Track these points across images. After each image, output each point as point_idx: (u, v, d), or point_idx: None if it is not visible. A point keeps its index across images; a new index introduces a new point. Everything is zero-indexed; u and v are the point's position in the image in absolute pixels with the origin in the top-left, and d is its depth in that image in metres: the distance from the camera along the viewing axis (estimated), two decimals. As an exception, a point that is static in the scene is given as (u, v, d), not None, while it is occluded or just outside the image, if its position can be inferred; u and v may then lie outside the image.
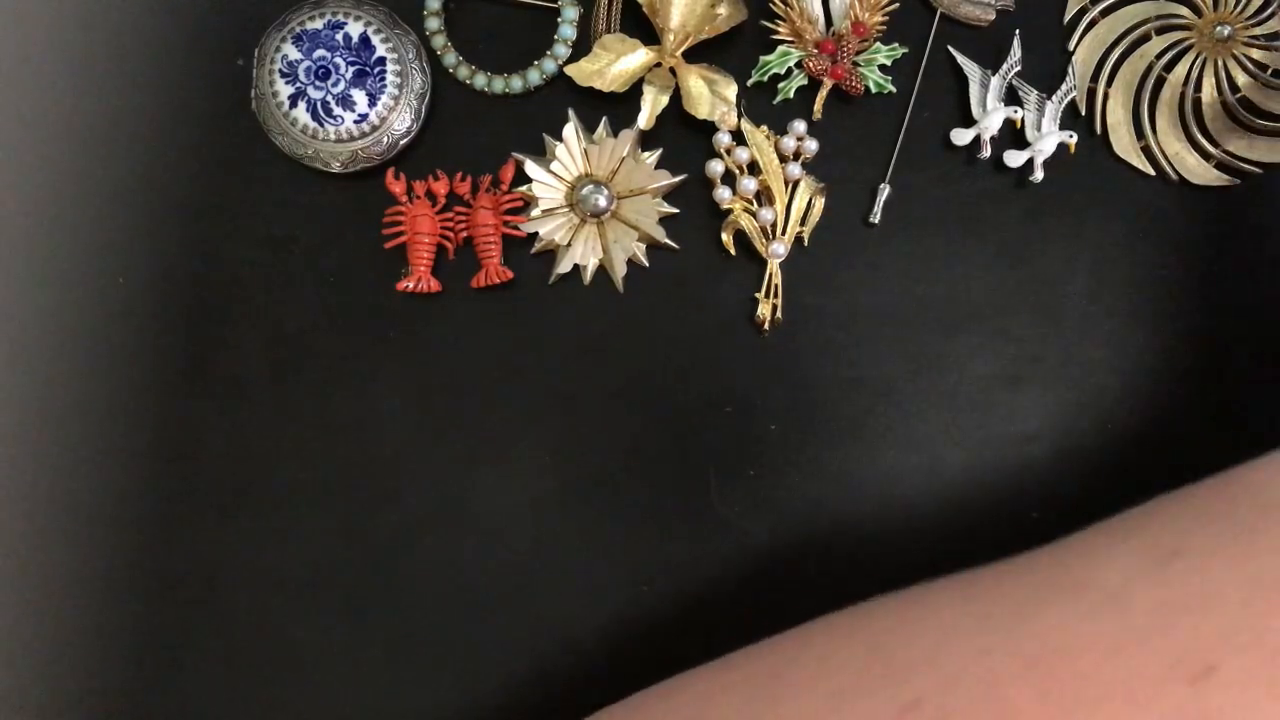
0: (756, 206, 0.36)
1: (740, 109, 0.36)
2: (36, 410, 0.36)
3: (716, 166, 0.36)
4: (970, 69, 0.36)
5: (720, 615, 0.35)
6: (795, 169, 0.36)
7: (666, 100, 0.36)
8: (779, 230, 0.36)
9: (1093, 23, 0.37)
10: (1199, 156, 0.36)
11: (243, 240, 0.36)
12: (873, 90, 0.36)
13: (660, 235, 0.36)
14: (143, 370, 0.36)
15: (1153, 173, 0.36)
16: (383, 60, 0.35)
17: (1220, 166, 0.36)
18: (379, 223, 0.36)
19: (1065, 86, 0.36)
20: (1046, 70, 0.36)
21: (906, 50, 0.36)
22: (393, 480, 0.36)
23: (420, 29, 0.36)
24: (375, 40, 0.35)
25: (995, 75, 0.36)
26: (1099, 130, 0.36)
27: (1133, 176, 0.37)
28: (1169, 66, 0.36)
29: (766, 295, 0.36)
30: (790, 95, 0.36)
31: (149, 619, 0.36)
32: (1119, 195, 0.36)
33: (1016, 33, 0.36)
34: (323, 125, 0.35)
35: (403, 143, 0.36)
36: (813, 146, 0.36)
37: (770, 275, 0.36)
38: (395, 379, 0.36)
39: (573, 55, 0.36)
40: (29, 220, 0.36)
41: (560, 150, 0.36)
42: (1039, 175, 0.36)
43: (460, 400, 0.36)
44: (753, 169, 0.36)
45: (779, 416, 0.36)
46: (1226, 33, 0.36)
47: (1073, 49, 0.37)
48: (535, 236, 0.36)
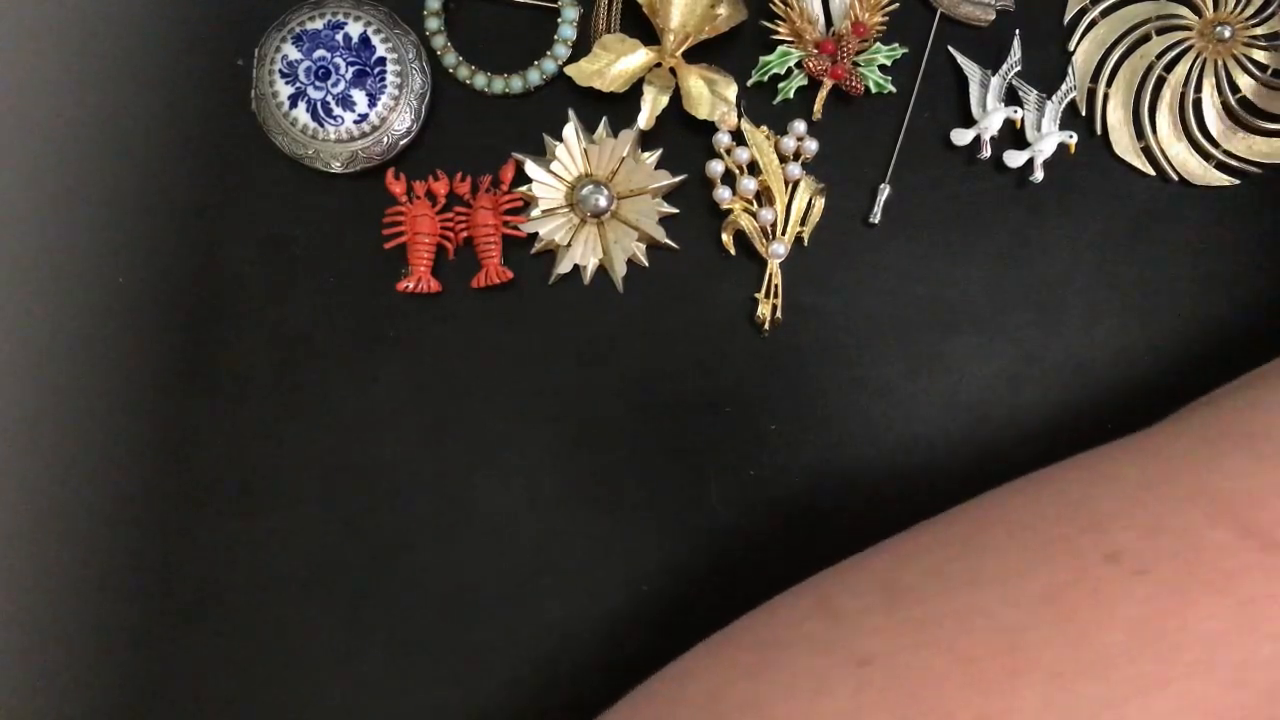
0: (756, 206, 0.36)
1: (740, 109, 0.36)
2: (36, 410, 0.36)
3: (716, 166, 0.36)
4: (970, 69, 0.36)
5: (720, 615, 0.35)
6: (795, 169, 0.36)
7: (666, 100, 0.36)
8: (779, 230, 0.36)
9: (1093, 23, 0.37)
10: (1199, 157, 0.36)
11: (243, 240, 0.36)
12: (873, 90, 0.36)
13: (660, 235, 0.36)
14: (143, 370, 0.36)
15: (1153, 173, 0.36)
16: (383, 60, 0.35)
17: (1220, 166, 0.36)
18: (379, 223, 0.36)
19: (1065, 86, 0.36)
20: (1046, 70, 0.36)
21: (906, 50, 0.36)
22: (393, 480, 0.36)
23: (420, 29, 0.36)
24: (375, 40, 0.35)
25: (995, 75, 0.36)
26: (1099, 130, 0.36)
27: (1133, 176, 0.37)
28: (1169, 67, 0.36)
29: (766, 295, 0.36)
30: (790, 95, 0.36)
31: (149, 619, 0.36)
32: (1119, 195, 0.36)
33: (1016, 33, 0.36)
34: (323, 125, 0.35)
35: (403, 143, 0.36)
36: (813, 146, 0.36)
37: (770, 275, 0.36)
38: (395, 379, 0.36)
39: (573, 55, 0.36)
40: (29, 220, 0.36)
41: (560, 150, 0.36)
42: (1039, 175, 0.36)
43: (460, 400, 0.36)
44: (753, 169, 0.36)
45: (779, 416, 0.36)
46: (1227, 33, 0.36)
47: (1073, 49, 0.37)
48: (535, 236, 0.36)
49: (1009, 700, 0.24)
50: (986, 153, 0.36)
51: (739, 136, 0.36)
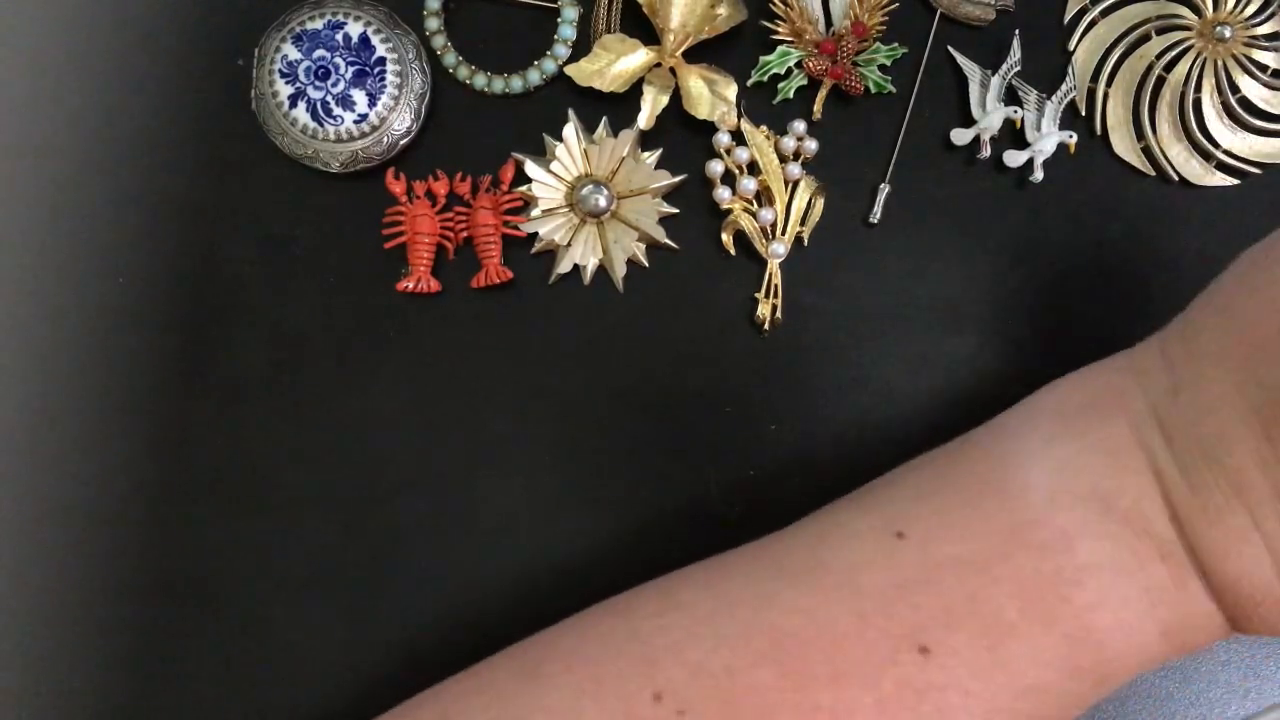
0: (756, 206, 0.36)
1: (740, 109, 0.36)
2: (36, 410, 0.36)
3: (716, 166, 0.36)
4: (970, 69, 0.36)
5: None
6: (795, 169, 0.36)
7: (666, 100, 0.36)
8: (779, 230, 0.36)
9: (1093, 23, 0.37)
10: (1199, 157, 0.36)
11: (243, 240, 0.36)
12: (873, 90, 0.36)
13: (660, 235, 0.36)
14: (143, 370, 0.36)
15: (1153, 173, 0.36)
16: (383, 60, 0.35)
17: (1220, 166, 0.36)
18: (379, 223, 0.36)
19: (1065, 86, 0.36)
20: (1046, 70, 0.36)
21: (906, 50, 0.36)
22: (393, 480, 0.36)
23: (420, 29, 0.36)
24: (375, 40, 0.35)
25: (995, 75, 0.36)
26: (1099, 130, 0.36)
27: (1133, 176, 0.37)
28: (1169, 67, 0.36)
29: (766, 295, 0.36)
30: (790, 95, 0.36)
31: (149, 619, 0.36)
32: (1119, 195, 0.36)
33: (1016, 33, 0.36)
34: (323, 125, 0.35)
35: (403, 143, 0.36)
36: (813, 146, 0.36)
37: (770, 275, 0.36)
38: (395, 379, 0.36)
39: (573, 55, 0.36)
40: (29, 220, 0.36)
41: (560, 150, 0.36)
42: (1039, 175, 0.36)
43: (460, 400, 0.36)
44: (752, 169, 0.36)
45: (779, 416, 0.36)
46: (1227, 33, 0.36)
47: (1073, 49, 0.37)
48: (535, 236, 0.36)
49: None
50: (986, 152, 0.36)
51: (739, 136, 0.36)
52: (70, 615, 0.36)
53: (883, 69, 0.36)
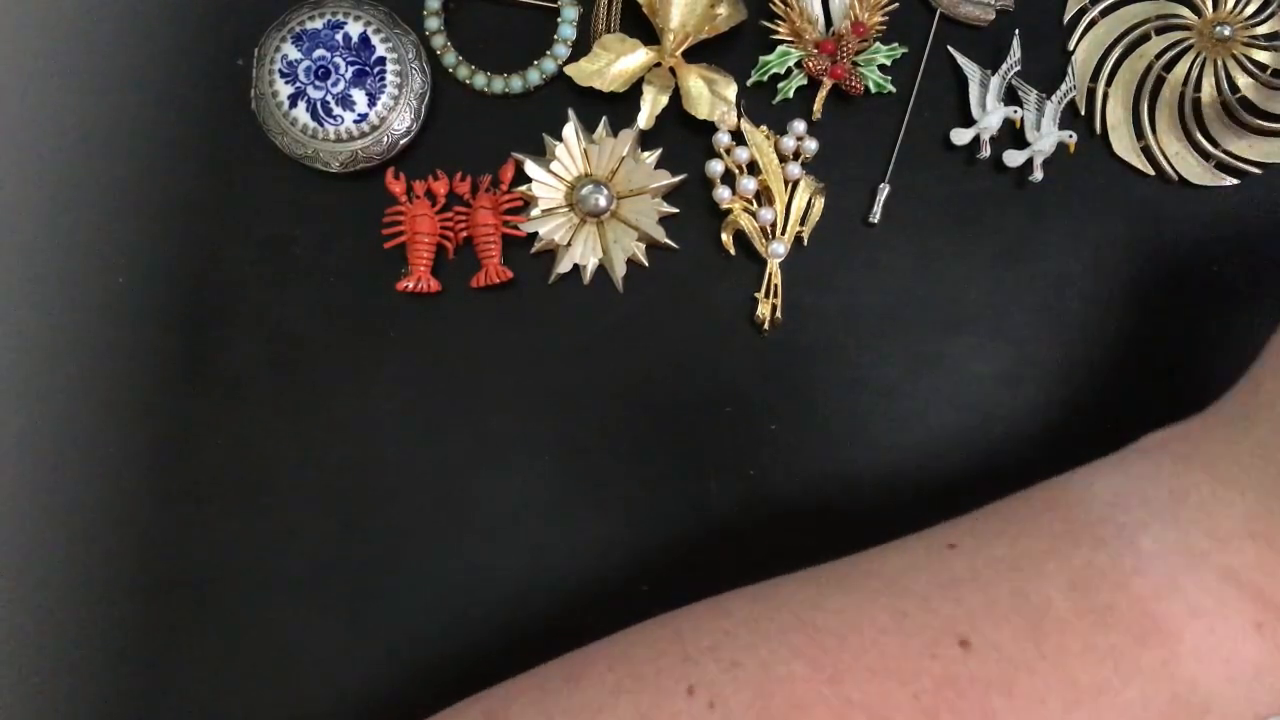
0: (756, 206, 0.36)
1: (740, 109, 0.36)
2: (37, 410, 0.36)
3: (716, 166, 0.36)
4: (970, 69, 0.36)
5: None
6: (795, 169, 0.36)
7: (666, 100, 0.36)
8: (779, 230, 0.36)
9: (1092, 23, 0.37)
10: (1199, 156, 0.36)
11: (243, 240, 0.36)
12: (873, 90, 0.36)
13: (660, 235, 0.36)
14: (143, 370, 0.36)
15: (1153, 173, 0.36)
16: (382, 60, 0.35)
17: (1220, 166, 0.36)
18: (379, 223, 0.36)
19: (1065, 86, 0.36)
20: (1046, 70, 0.36)
21: (906, 50, 0.36)
22: (393, 480, 0.36)
23: (420, 29, 0.36)
24: (375, 40, 0.35)
25: (995, 75, 0.36)
26: (1099, 130, 0.36)
27: (1133, 176, 0.37)
28: (1169, 66, 0.36)
29: (766, 295, 0.36)
30: (790, 95, 0.36)
31: (149, 619, 0.36)
32: (1119, 195, 0.36)
33: (1016, 33, 0.36)
34: (322, 125, 0.35)
35: (402, 143, 0.36)
36: (813, 146, 0.36)
37: (770, 275, 0.36)
38: (395, 379, 0.36)
39: (573, 55, 0.36)
40: (29, 220, 0.36)
41: (560, 150, 0.36)
42: (1039, 175, 0.36)
43: (460, 400, 0.36)
44: (752, 169, 0.36)
45: (779, 416, 0.36)
46: (1226, 33, 0.36)
47: (1072, 49, 0.37)
48: (535, 236, 0.36)
49: None
50: (986, 152, 0.36)
51: (739, 136, 0.36)
52: (70, 615, 0.36)
53: (883, 69, 0.36)
